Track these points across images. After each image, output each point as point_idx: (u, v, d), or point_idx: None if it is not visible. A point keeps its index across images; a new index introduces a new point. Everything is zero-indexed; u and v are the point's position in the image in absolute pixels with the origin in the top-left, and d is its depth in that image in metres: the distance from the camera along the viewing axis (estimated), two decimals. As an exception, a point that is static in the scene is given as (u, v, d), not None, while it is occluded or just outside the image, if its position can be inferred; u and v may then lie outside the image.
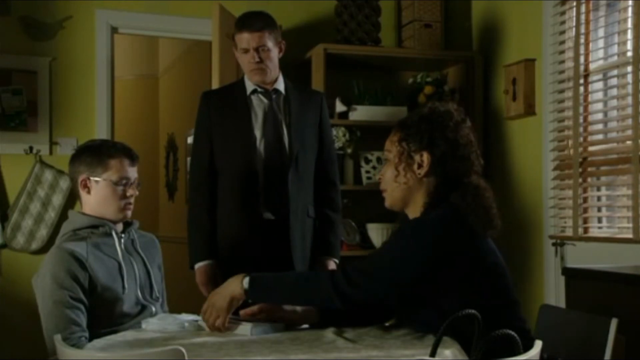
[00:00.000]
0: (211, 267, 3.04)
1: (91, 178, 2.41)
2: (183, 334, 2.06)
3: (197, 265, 3.05)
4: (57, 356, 1.83)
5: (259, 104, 3.09)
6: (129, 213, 2.47)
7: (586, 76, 3.59)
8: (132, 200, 2.46)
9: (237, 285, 2.03)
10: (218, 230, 3.07)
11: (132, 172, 2.45)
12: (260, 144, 3.04)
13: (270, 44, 3.02)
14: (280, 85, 3.12)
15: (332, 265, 3.13)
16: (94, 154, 2.41)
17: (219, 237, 3.07)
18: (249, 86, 3.10)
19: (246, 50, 3.00)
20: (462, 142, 2.07)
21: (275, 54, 3.06)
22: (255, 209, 3.01)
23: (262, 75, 3.04)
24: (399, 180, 2.07)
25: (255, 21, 3.01)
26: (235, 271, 2.92)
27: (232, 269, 2.94)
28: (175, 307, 2.68)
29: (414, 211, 2.09)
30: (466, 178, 2.05)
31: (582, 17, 3.56)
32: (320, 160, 3.16)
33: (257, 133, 3.05)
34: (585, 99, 3.60)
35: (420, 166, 2.04)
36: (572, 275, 2.97)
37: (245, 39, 2.99)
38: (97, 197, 2.42)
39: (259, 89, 3.09)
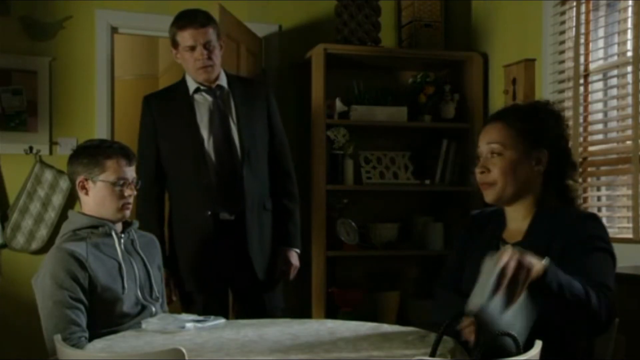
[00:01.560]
0: (166, 274, 2.96)
1: (89, 179, 2.41)
2: (183, 334, 2.06)
3: None
4: (57, 356, 1.83)
5: (203, 102, 3.05)
6: (128, 213, 2.47)
7: (586, 76, 3.59)
8: (130, 200, 2.46)
9: (537, 261, 1.74)
10: (174, 235, 3.05)
11: (130, 172, 2.45)
12: (209, 144, 3.00)
13: (214, 40, 3.00)
14: (223, 80, 3.08)
15: (293, 255, 3.13)
16: (91, 155, 2.41)
17: (175, 242, 3.04)
18: (192, 85, 3.06)
19: (192, 48, 2.98)
20: (569, 142, 2.04)
21: (219, 50, 3.04)
22: (211, 210, 2.97)
23: (210, 73, 3.01)
24: (518, 176, 1.98)
25: (199, 18, 2.99)
26: (195, 274, 2.97)
27: (191, 272, 2.99)
28: (175, 307, 2.68)
29: (518, 209, 2.03)
30: (568, 179, 2.03)
31: (582, 17, 3.56)
32: (272, 151, 3.13)
33: (204, 132, 3.00)
34: (585, 99, 3.60)
35: (537, 163, 1.98)
36: (572, 275, 2.97)
37: (190, 35, 2.97)
38: (95, 198, 2.42)
39: (202, 87, 3.05)
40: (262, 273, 3.04)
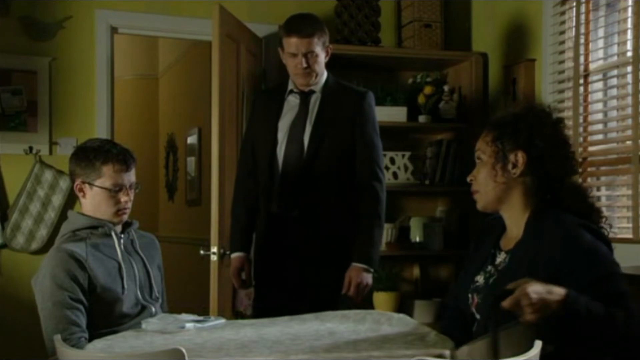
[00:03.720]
0: (240, 260, 3.11)
1: (86, 183, 2.41)
2: (183, 334, 2.06)
3: (231, 256, 3.15)
4: (57, 356, 1.83)
5: (292, 104, 3.11)
6: (125, 217, 2.48)
7: (586, 76, 3.59)
8: (127, 205, 2.45)
9: (559, 291, 1.76)
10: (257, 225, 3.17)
11: (128, 178, 2.44)
12: (281, 146, 3.06)
13: (318, 49, 3.03)
14: (318, 85, 3.10)
15: (362, 275, 2.98)
16: (89, 159, 2.41)
17: (256, 232, 3.17)
18: (288, 87, 3.13)
19: (294, 55, 3.01)
20: (562, 140, 2.03)
21: (322, 58, 3.06)
22: (270, 207, 3.06)
23: (308, 79, 3.05)
24: (495, 180, 2.02)
25: (306, 26, 3.02)
26: (261, 265, 3.09)
27: (259, 264, 3.11)
28: (175, 307, 2.68)
29: (511, 212, 2.05)
30: (567, 178, 2.02)
31: (582, 17, 3.56)
32: (356, 163, 3.06)
33: (281, 134, 3.07)
34: (585, 99, 3.60)
35: (514, 166, 2.00)
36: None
37: (293, 43, 3.00)
38: (92, 201, 2.43)
39: (295, 90, 3.11)
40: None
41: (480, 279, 2.07)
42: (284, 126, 3.07)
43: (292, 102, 3.11)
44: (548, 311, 1.73)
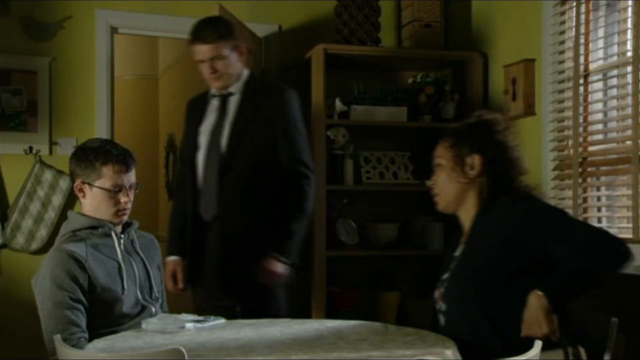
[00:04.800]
0: (173, 263, 3.07)
1: (86, 183, 2.41)
2: (183, 334, 2.06)
3: (166, 260, 3.09)
4: (57, 356, 1.83)
5: (214, 109, 3.10)
6: (125, 218, 2.48)
7: (586, 76, 3.59)
8: (127, 205, 2.45)
9: (537, 298, 1.96)
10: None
11: (128, 179, 2.44)
12: (202, 151, 3.05)
13: (226, 51, 2.98)
14: (236, 87, 3.07)
15: (273, 263, 2.91)
16: (89, 159, 2.41)
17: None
18: (211, 91, 3.13)
19: (201, 61, 3.00)
20: (511, 145, 2.22)
21: (234, 59, 3.01)
22: (194, 211, 3.05)
23: (220, 82, 3.04)
24: (455, 182, 2.20)
25: (209, 32, 2.97)
26: (190, 267, 3.08)
27: (189, 266, 3.10)
28: (175, 307, 2.68)
29: (466, 212, 2.23)
30: (517, 180, 2.21)
31: (582, 17, 3.56)
32: (281, 160, 3.03)
33: (202, 139, 3.06)
34: (585, 99, 3.60)
35: (471, 168, 2.19)
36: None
37: (198, 50, 2.98)
38: (91, 202, 2.43)
39: (215, 94, 3.11)
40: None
41: (446, 275, 2.26)
42: (205, 130, 3.07)
43: (213, 106, 3.11)
44: (547, 316, 1.93)
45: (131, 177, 2.47)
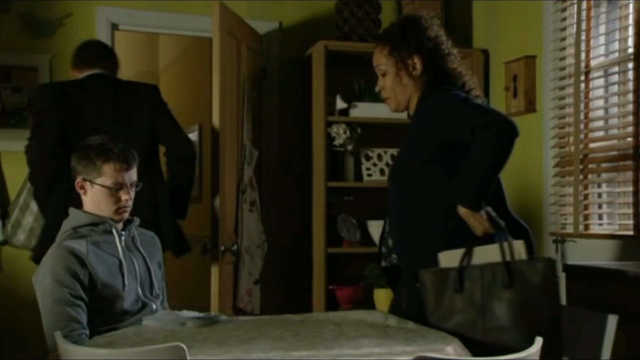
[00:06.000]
0: None
1: (87, 181, 2.41)
2: (184, 330, 2.06)
3: None
4: (58, 353, 1.83)
5: None
6: (126, 215, 2.47)
7: (587, 73, 3.59)
8: (128, 203, 2.45)
9: (460, 211, 2.15)
10: None
11: (129, 176, 2.45)
12: None
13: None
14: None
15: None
16: (90, 157, 2.41)
17: None
18: None
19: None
20: (442, 38, 2.40)
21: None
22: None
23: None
24: (402, 84, 2.37)
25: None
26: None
27: None
28: (175, 305, 2.68)
29: (414, 106, 2.40)
30: (454, 70, 2.38)
31: (583, 13, 3.56)
32: (164, 146, 3.45)
33: None
34: (586, 96, 3.59)
35: (414, 68, 2.37)
36: (573, 272, 2.97)
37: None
38: (92, 199, 2.43)
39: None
40: None
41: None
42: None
43: None
44: (478, 218, 2.12)
45: (132, 175, 2.47)
